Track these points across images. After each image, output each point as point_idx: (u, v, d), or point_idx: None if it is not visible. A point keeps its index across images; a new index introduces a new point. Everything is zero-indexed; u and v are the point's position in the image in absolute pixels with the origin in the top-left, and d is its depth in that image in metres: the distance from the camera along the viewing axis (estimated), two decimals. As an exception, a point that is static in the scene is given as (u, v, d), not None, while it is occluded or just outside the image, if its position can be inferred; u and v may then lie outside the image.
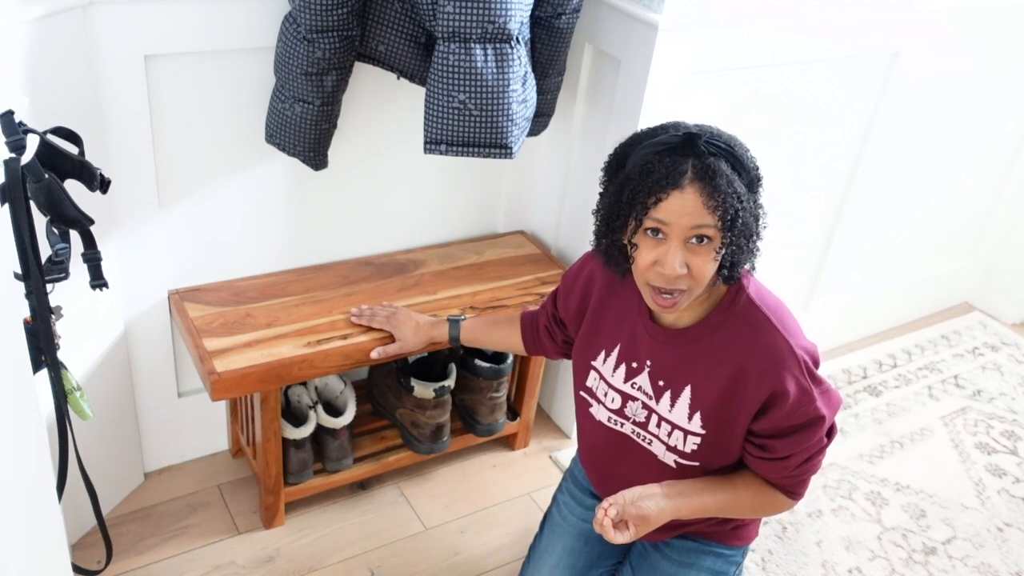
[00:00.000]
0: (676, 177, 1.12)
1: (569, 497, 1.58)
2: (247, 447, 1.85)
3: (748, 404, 1.24)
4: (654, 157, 1.15)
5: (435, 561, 1.80)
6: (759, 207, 1.21)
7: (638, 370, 1.33)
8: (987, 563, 1.94)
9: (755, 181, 1.19)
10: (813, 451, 1.27)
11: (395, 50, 1.60)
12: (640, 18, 1.66)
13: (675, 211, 1.13)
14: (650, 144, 1.17)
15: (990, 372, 2.60)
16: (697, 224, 1.13)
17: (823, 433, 1.26)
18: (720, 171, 1.12)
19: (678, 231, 1.14)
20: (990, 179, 2.66)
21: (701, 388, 1.27)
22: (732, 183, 1.13)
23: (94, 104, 1.47)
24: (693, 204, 1.12)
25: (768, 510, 1.35)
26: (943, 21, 2.10)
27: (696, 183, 1.12)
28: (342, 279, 1.85)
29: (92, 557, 1.69)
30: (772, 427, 1.24)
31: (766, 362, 1.22)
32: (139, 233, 1.64)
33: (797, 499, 1.34)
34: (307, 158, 1.64)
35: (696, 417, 1.28)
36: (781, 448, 1.25)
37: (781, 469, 1.28)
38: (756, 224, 1.20)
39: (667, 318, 1.29)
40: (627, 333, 1.34)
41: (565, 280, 1.47)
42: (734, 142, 1.17)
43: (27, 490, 0.94)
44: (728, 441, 1.29)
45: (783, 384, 1.21)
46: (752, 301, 1.25)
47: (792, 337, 1.23)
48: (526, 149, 1.98)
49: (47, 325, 1.18)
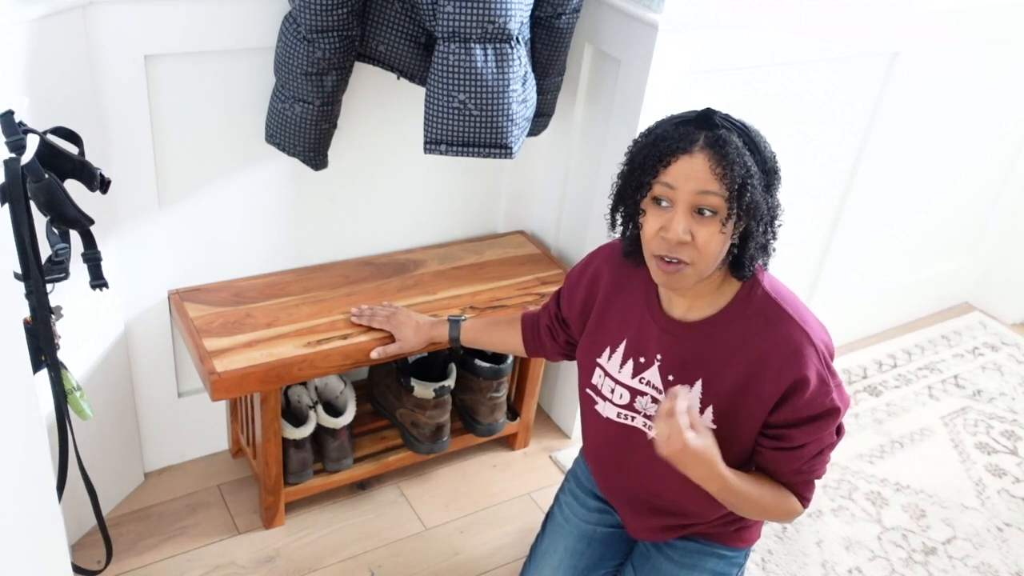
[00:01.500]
0: (687, 143, 1.15)
1: (571, 498, 1.58)
2: (247, 447, 1.85)
3: (765, 396, 1.24)
4: (670, 127, 1.18)
5: (435, 561, 1.80)
6: (776, 204, 1.22)
7: (647, 364, 1.32)
8: (987, 563, 1.94)
9: (772, 173, 1.20)
10: (824, 444, 1.27)
11: (395, 50, 1.60)
12: (640, 18, 1.66)
13: (683, 174, 1.14)
14: (669, 119, 1.21)
15: (990, 372, 2.60)
16: (703, 189, 1.14)
17: (834, 428, 1.27)
18: (731, 142, 1.14)
19: (685, 196, 1.15)
20: (990, 179, 2.66)
21: (714, 382, 1.27)
22: (742, 155, 1.14)
23: (94, 104, 1.47)
24: (701, 169, 1.14)
25: (780, 513, 1.33)
26: (943, 21, 2.10)
27: (706, 150, 1.14)
28: (342, 279, 1.85)
29: (92, 557, 1.69)
30: (791, 416, 1.24)
31: (787, 352, 1.22)
32: (139, 233, 1.64)
33: (806, 504, 1.33)
34: (307, 158, 1.64)
35: (708, 411, 1.28)
36: (798, 436, 1.25)
37: (794, 460, 1.27)
38: (771, 217, 1.21)
39: (678, 310, 1.29)
40: (634, 327, 1.34)
41: (569, 279, 1.47)
42: (752, 128, 1.19)
43: (27, 490, 0.94)
44: (738, 435, 1.29)
45: (804, 372, 1.21)
46: (768, 294, 1.25)
47: (809, 327, 1.24)
48: (526, 149, 1.98)
49: (47, 325, 1.18)
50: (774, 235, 1.23)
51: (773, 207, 1.21)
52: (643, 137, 1.22)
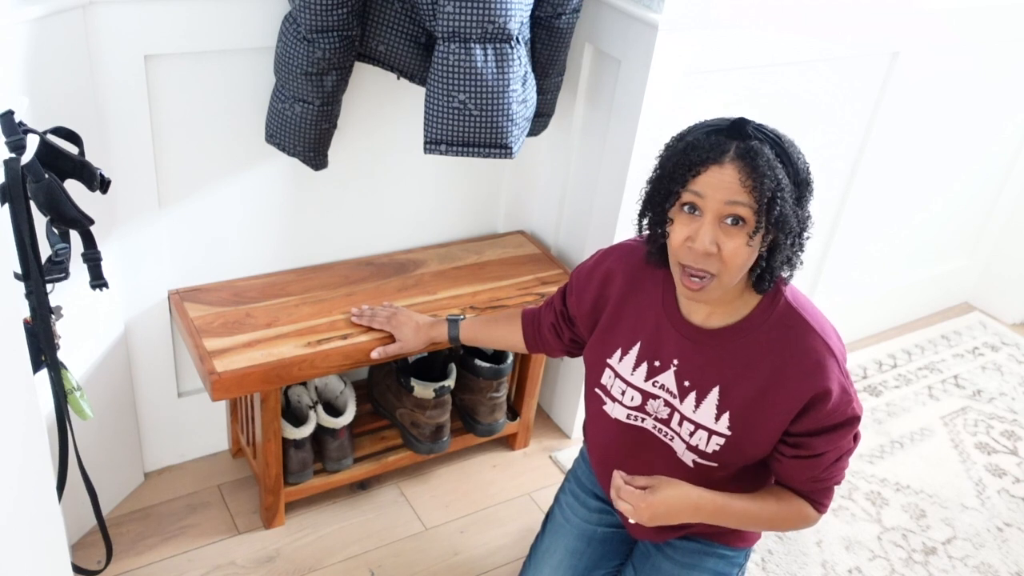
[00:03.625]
0: (718, 154, 1.14)
1: (572, 498, 1.58)
2: (247, 447, 1.85)
3: (784, 407, 1.23)
4: (702, 135, 1.17)
5: (435, 561, 1.80)
6: (807, 216, 1.20)
7: (662, 368, 1.32)
8: (987, 563, 1.94)
9: (804, 184, 1.18)
10: (843, 451, 1.27)
11: (395, 50, 1.60)
12: (640, 18, 1.66)
13: (712, 184, 1.14)
14: (702, 126, 1.19)
15: (990, 372, 2.60)
16: (732, 200, 1.13)
17: (852, 435, 1.27)
18: (762, 153, 1.13)
19: (713, 206, 1.14)
20: (990, 179, 2.66)
21: (732, 389, 1.26)
22: (773, 168, 1.13)
23: (94, 104, 1.47)
24: (731, 180, 1.13)
25: (791, 522, 1.34)
26: (943, 21, 2.10)
27: (737, 161, 1.13)
28: (342, 279, 1.85)
29: (92, 557, 1.69)
30: (812, 426, 1.24)
31: (808, 364, 1.22)
32: (139, 233, 1.64)
33: (823, 511, 1.33)
34: (307, 158, 1.64)
35: (724, 418, 1.27)
36: (818, 445, 1.25)
37: (812, 468, 1.27)
38: (800, 230, 1.19)
39: (697, 316, 1.28)
40: (649, 330, 1.33)
41: (578, 277, 1.45)
42: (785, 138, 1.18)
43: (27, 490, 0.94)
44: (754, 443, 1.28)
45: (827, 384, 1.21)
46: (790, 304, 1.25)
47: (830, 339, 1.24)
48: (526, 149, 1.98)
49: (47, 325, 1.18)
50: (801, 247, 1.22)
51: (803, 219, 1.20)
52: (674, 143, 1.21)
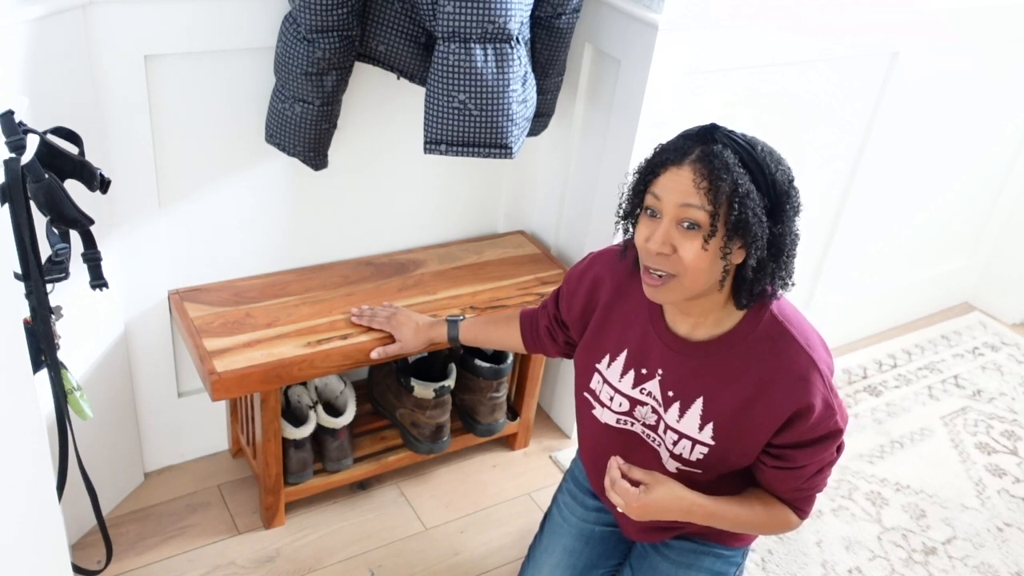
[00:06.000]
0: (679, 156, 1.14)
1: (570, 497, 1.58)
2: (247, 447, 1.85)
3: (767, 420, 1.23)
4: (676, 139, 1.18)
5: (435, 561, 1.80)
6: (785, 233, 1.17)
7: (648, 376, 1.32)
8: (987, 563, 1.94)
9: (781, 196, 1.16)
10: (825, 463, 1.28)
11: (395, 50, 1.60)
12: (640, 18, 1.66)
13: (668, 187, 1.14)
14: (682, 132, 1.20)
15: (990, 372, 2.60)
16: (685, 202, 1.13)
17: (835, 447, 1.27)
18: (721, 156, 1.12)
19: (669, 208, 1.15)
20: (990, 179, 2.66)
21: (715, 401, 1.26)
22: (732, 172, 1.11)
23: (94, 104, 1.47)
24: (686, 182, 1.13)
25: (776, 527, 1.35)
26: (943, 21, 2.10)
27: (695, 164, 1.13)
28: (342, 279, 1.85)
29: (92, 557, 1.69)
30: (794, 439, 1.24)
31: (792, 379, 1.21)
32: (139, 233, 1.64)
33: (804, 516, 1.34)
34: (307, 158, 1.64)
35: (708, 428, 1.27)
36: (800, 458, 1.25)
37: (794, 479, 1.28)
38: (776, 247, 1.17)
39: (683, 327, 1.28)
40: (636, 338, 1.33)
41: (568, 281, 1.45)
42: (762, 147, 1.16)
43: (27, 490, 0.94)
44: (737, 453, 1.28)
45: (810, 399, 1.21)
46: (775, 317, 1.24)
47: (815, 352, 1.23)
48: (526, 149, 1.98)
49: (47, 325, 1.18)
50: (785, 266, 1.20)
51: (780, 235, 1.17)
52: (652, 149, 1.22)
